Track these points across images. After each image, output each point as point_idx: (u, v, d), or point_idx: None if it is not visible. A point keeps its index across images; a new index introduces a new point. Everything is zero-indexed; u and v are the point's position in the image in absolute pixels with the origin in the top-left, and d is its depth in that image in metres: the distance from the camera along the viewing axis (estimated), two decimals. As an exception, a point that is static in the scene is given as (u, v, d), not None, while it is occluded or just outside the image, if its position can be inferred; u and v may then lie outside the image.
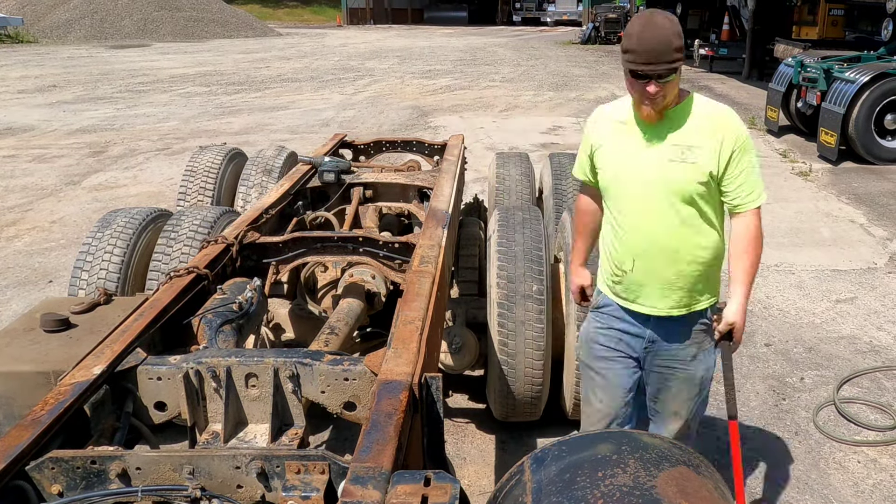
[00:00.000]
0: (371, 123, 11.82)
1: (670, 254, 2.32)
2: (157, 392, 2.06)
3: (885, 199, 7.62)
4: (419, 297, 2.35)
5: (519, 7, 42.22)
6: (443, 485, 1.42)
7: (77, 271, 3.46)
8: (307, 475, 1.59)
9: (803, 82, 9.63)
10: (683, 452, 1.44)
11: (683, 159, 2.24)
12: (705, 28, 19.65)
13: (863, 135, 8.75)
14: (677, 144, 2.25)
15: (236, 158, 5.14)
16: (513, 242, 3.35)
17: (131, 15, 30.46)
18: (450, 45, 26.64)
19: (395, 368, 1.91)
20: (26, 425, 1.70)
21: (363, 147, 5.07)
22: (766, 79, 13.02)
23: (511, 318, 3.18)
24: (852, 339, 4.64)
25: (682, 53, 2.12)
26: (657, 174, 2.27)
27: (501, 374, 3.22)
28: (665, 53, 2.10)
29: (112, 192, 8.15)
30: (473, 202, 4.99)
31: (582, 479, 1.31)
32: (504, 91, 15.24)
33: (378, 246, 3.02)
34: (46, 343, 2.23)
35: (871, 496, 3.21)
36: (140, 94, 15.21)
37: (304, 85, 16.37)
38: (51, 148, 10.30)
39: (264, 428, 2.07)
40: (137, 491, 1.60)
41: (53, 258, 6.14)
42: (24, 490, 1.62)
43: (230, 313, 2.43)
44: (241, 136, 10.71)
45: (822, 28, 13.49)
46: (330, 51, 24.96)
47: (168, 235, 3.53)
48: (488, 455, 3.51)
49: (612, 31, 27.02)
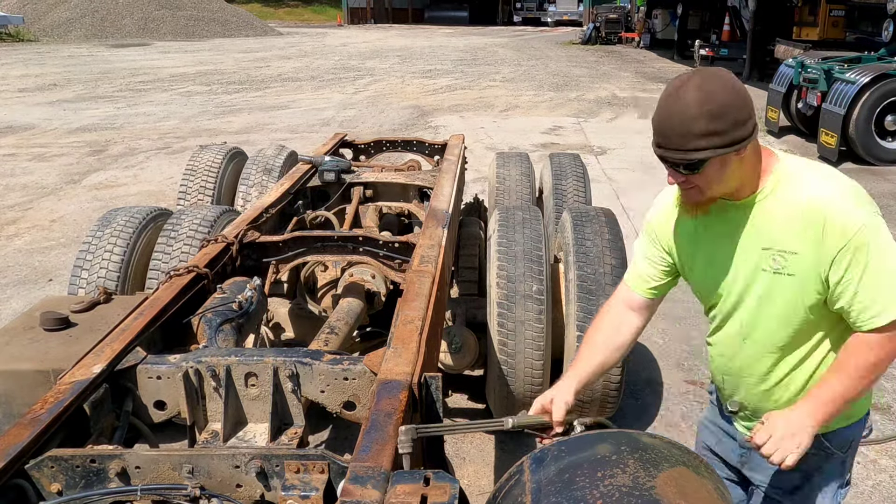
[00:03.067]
0: (371, 123, 11.81)
1: (761, 381, 1.84)
2: (156, 391, 2.06)
3: (886, 200, 7.62)
4: (419, 296, 2.35)
5: (519, 7, 42.21)
6: (442, 484, 1.41)
7: (77, 270, 3.46)
8: (306, 474, 1.59)
9: (804, 83, 9.63)
10: (683, 453, 1.44)
11: (777, 270, 1.69)
12: (706, 28, 19.63)
13: (863, 136, 8.75)
14: (768, 248, 1.70)
15: (236, 157, 5.14)
16: (513, 242, 3.34)
17: (132, 14, 30.45)
18: (450, 45, 26.63)
19: (395, 368, 1.91)
20: (26, 424, 1.70)
21: (363, 146, 5.07)
22: (766, 79, 12.99)
23: (511, 318, 3.18)
24: (852, 340, 4.63)
25: (716, 140, 1.56)
26: (744, 287, 1.76)
27: (501, 374, 3.22)
28: (679, 139, 1.58)
29: (112, 190, 8.15)
30: (473, 202, 4.99)
31: (581, 479, 1.31)
32: (504, 91, 15.23)
33: (378, 245, 3.01)
34: (46, 342, 2.23)
35: (871, 497, 3.21)
36: (140, 93, 15.21)
37: (305, 84, 16.37)
38: (51, 147, 10.30)
39: (264, 427, 2.07)
40: (137, 490, 1.60)
41: (53, 257, 6.14)
42: (23, 489, 1.62)
43: (230, 312, 2.43)
44: (242, 135, 10.71)
45: (823, 29, 13.48)
46: (330, 50, 24.95)
47: (168, 234, 3.52)
48: (488, 455, 3.51)
49: (613, 31, 27.04)
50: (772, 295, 1.72)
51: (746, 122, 1.59)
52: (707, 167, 1.60)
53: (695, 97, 1.56)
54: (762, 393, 1.86)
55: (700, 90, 1.56)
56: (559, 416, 1.80)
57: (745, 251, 1.74)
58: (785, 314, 1.72)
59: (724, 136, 1.56)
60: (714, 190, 1.67)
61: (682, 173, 1.64)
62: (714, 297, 1.84)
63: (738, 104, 1.58)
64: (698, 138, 1.56)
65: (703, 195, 1.68)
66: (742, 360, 1.85)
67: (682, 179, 1.65)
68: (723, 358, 1.90)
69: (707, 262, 1.82)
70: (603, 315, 2.02)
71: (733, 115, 1.57)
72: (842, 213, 1.62)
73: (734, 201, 1.73)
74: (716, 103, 1.55)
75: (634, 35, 25.52)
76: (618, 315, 1.98)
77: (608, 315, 2.00)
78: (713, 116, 1.55)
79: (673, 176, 1.67)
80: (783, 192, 1.69)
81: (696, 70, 1.66)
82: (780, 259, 1.68)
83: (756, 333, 1.79)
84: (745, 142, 1.60)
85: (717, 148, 1.57)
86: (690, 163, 1.59)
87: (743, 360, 1.85)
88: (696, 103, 1.55)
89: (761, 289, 1.73)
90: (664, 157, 1.64)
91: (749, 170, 1.67)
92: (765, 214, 1.70)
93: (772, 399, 1.84)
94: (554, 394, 1.85)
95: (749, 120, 1.60)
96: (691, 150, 1.57)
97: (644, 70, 18.51)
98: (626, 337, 1.97)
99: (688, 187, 1.68)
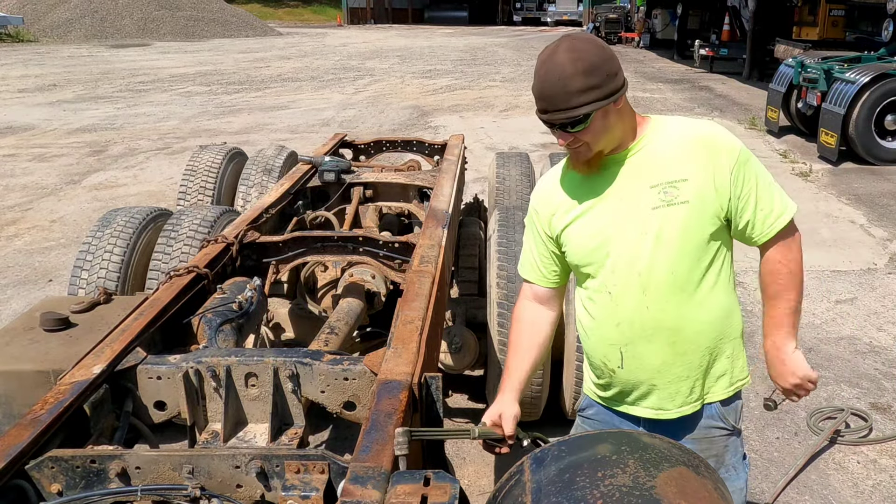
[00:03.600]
0: (371, 123, 11.82)
1: (667, 336, 1.80)
2: (156, 391, 2.06)
3: (886, 200, 7.62)
4: (419, 296, 2.35)
5: (519, 7, 42.20)
6: (442, 484, 1.41)
7: (77, 270, 3.46)
8: (307, 475, 1.59)
9: (804, 83, 9.63)
10: (683, 453, 1.44)
11: (670, 201, 1.73)
12: (706, 28, 19.62)
13: (863, 135, 8.75)
14: (656, 185, 1.75)
15: (236, 158, 5.14)
16: (513, 242, 3.34)
17: (132, 14, 30.45)
18: (450, 45, 26.63)
19: (395, 368, 1.91)
20: (26, 424, 1.70)
21: (363, 147, 5.07)
22: (766, 79, 13.01)
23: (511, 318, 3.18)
24: (852, 340, 4.64)
25: (594, 94, 1.65)
26: (639, 231, 1.76)
27: (501, 374, 3.21)
28: (562, 98, 1.65)
29: (112, 191, 8.15)
30: (473, 202, 5.00)
31: (581, 479, 1.31)
32: (504, 91, 15.23)
33: (378, 246, 3.02)
34: (46, 342, 2.23)
35: (871, 497, 3.21)
36: (140, 93, 15.21)
37: (305, 84, 16.37)
38: (51, 147, 10.30)
39: (264, 427, 2.07)
40: (137, 490, 1.60)
41: (53, 257, 6.14)
42: (23, 489, 1.62)
43: (230, 313, 2.43)
44: (242, 135, 10.71)
45: (823, 29, 13.48)
46: (330, 50, 24.96)
47: (168, 235, 3.53)
48: (488, 455, 3.48)
49: (613, 31, 27.02)
50: (668, 228, 1.75)
51: (617, 74, 1.71)
52: (592, 121, 1.69)
53: (567, 58, 1.66)
54: (673, 354, 1.81)
55: (571, 51, 1.67)
56: (510, 431, 1.87)
57: (633, 195, 1.78)
58: (682, 245, 1.75)
59: (602, 90, 1.67)
60: (601, 143, 1.74)
61: (569, 132, 1.71)
62: (603, 256, 1.81)
63: (606, 58, 1.70)
64: (579, 94, 1.66)
65: (591, 151, 1.75)
66: (647, 316, 1.79)
67: (571, 138, 1.72)
68: (619, 328, 1.82)
69: (595, 221, 1.82)
70: (517, 319, 2.01)
71: (605, 68, 1.68)
72: (725, 136, 1.80)
73: (614, 156, 1.80)
74: (587, 61, 1.66)
75: (634, 35, 25.51)
76: (531, 314, 1.99)
77: (522, 318, 2.00)
78: (588, 72, 1.65)
79: (562, 137, 1.73)
80: (662, 134, 1.80)
81: (563, 36, 1.74)
82: (672, 189, 1.74)
83: (656, 276, 1.76)
84: (619, 92, 1.71)
85: (597, 101, 1.67)
86: (576, 119, 1.68)
87: (648, 315, 1.79)
88: (569, 63, 1.65)
89: (656, 226, 1.75)
90: (551, 122, 1.71)
91: (628, 120, 1.78)
92: (647, 156, 1.78)
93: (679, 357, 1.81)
94: (501, 410, 1.89)
95: (619, 73, 1.73)
96: (574, 106, 1.66)
97: (644, 70, 18.49)
98: (547, 331, 2.00)
99: (577, 145, 1.74)
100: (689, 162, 1.75)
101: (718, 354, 1.86)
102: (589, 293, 1.88)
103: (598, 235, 1.81)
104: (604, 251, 1.81)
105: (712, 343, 1.84)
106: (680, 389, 1.85)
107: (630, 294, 1.80)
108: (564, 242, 1.88)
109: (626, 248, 1.78)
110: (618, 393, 1.92)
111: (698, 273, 1.78)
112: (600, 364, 1.91)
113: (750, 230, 1.80)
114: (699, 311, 1.80)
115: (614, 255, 1.80)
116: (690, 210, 1.74)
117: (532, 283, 1.99)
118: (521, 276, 2.04)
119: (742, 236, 1.84)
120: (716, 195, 1.75)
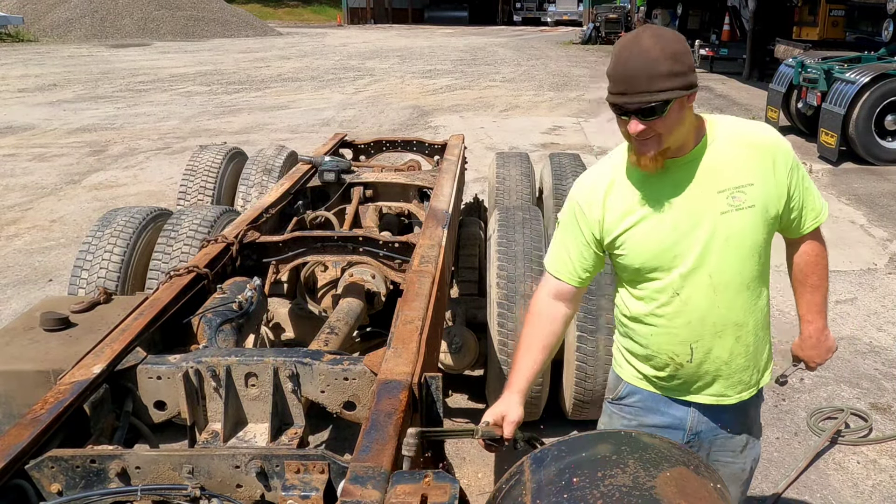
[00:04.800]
0: (371, 123, 11.82)
1: (734, 331, 1.88)
2: (156, 391, 2.06)
3: (886, 200, 7.62)
4: (419, 296, 2.35)
5: (519, 7, 42.24)
6: (442, 484, 1.41)
7: (77, 270, 3.46)
8: (307, 475, 1.59)
9: (804, 83, 9.63)
10: (683, 453, 1.44)
11: (738, 206, 1.78)
12: (706, 28, 19.62)
13: (863, 135, 8.75)
14: (723, 190, 1.78)
15: (236, 158, 5.14)
16: (513, 242, 3.35)
17: (132, 14, 30.46)
18: (450, 45, 26.64)
19: (395, 368, 1.91)
20: (26, 424, 1.70)
21: (363, 147, 5.07)
22: (766, 79, 13.01)
23: (511, 318, 3.18)
24: (852, 340, 4.64)
25: (678, 81, 1.65)
26: (709, 235, 1.79)
27: (501, 374, 3.21)
28: (645, 81, 1.63)
29: (112, 191, 8.15)
30: (473, 202, 5.00)
31: (581, 479, 1.31)
32: (504, 91, 15.23)
33: (378, 245, 3.02)
34: (46, 342, 2.23)
35: (871, 497, 3.21)
36: (140, 93, 15.21)
37: (305, 84, 16.37)
38: (51, 147, 10.30)
39: (264, 427, 2.07)
40: (137, 490, 1.60)
41: (53, 257, 6.14)
42: (23, 489, 1.62)
43: (230, 312, 2.43)
44: (242, 135, 10.71)
45: (823, 29, 13.48)
46: (330, 50, 24.96)
47: (168, 234, 3.53)
48: (488, 455, 3.51)
49: (613, 31, 27.02)
50: (736, 232, 1.79)
51: (694, 69, 1.71)
52: (669, 111, 1.66)
53: (654, 42, 1.65)
54: (739, 346, 1.90)
55: (657, 37, 1.66)
56: (510, 434, 1.87)
57: (701, 200, 1.79)
58: (750, 246, 1.82)
59: (684, 78, 1.66)
60: (672, 137, 1.72)
61: (644, 122, 1.68)
62: (671, 259, 1.82)
63: (687, 51, 1.71)
64: (664, 79, 1.64)
65: (661, 145, 1.72)
66: (717, 314, 1.85)
67: (644, 128, 1.69)
68: (690, 326, 1.86)
69: (662, 225, 1.81)
70: (536, 314, 1.97)
71: (687, 60, 1.68)
72: (781, 139, 1.85)
73: (677, 159, 1.79)
74: (673, 48, 1.66)
75: (634, 35, 25.49)
76: (552, 310, 1.95)
77: (542, 312, 1.96)
78: (674, 58, 1.65)
79: (633, 127, 1.69)
80: (722, 137, 1.82)
81: (643, 26, 1.75)
82: (740, 194, 1.78)
83: (725, 277, 1.82)
84: (696, 87, 1.72)
85: (679, 89, 1.66)
86: (656, 104, 1.65)
87: (718, 313, 1.85)
88: (656, 47, 1.64)
89: (727, 230, 1.79)
90: (627, 106, 1.67)
91: (693, 120, 1.79)
92: (712, 161, 1.80)
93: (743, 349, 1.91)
94: (505, 412, 1.87)
95: (695, 69, 1.72)
96: (657, 91, 1.64)
97: (644, 70, 18.47)
98: (562, 329, 1.98)
99: (647, 137, 1.70)
100: (753, 167, 1.80)
101: (766, 341, 1.99)
102: (648, 293, 1.88)
103: (666, 239, 1.81)
104: (671, 254, 1.82)
105: (763, 332, 1.97)
106: (742, 378, 1.94)
107: (701, 295, 1.84)
108: (622, 245, 1.86)
109: (696, 251, 1.81)
110: (682, 384, 1.96)
111: (758, 270, 1.88)
112: (667, 360, 1.93)
113: (795, 225, 1.92)
114: (757, 305, 1.91)
115: (684, 259, 1.82)
116: (756, 214, 1.80)
117: (560, 279, 1.95)
118: (547, 270, 1.99)
119: (783, 229, 1.94)
120: (777, 199, 1.83)
